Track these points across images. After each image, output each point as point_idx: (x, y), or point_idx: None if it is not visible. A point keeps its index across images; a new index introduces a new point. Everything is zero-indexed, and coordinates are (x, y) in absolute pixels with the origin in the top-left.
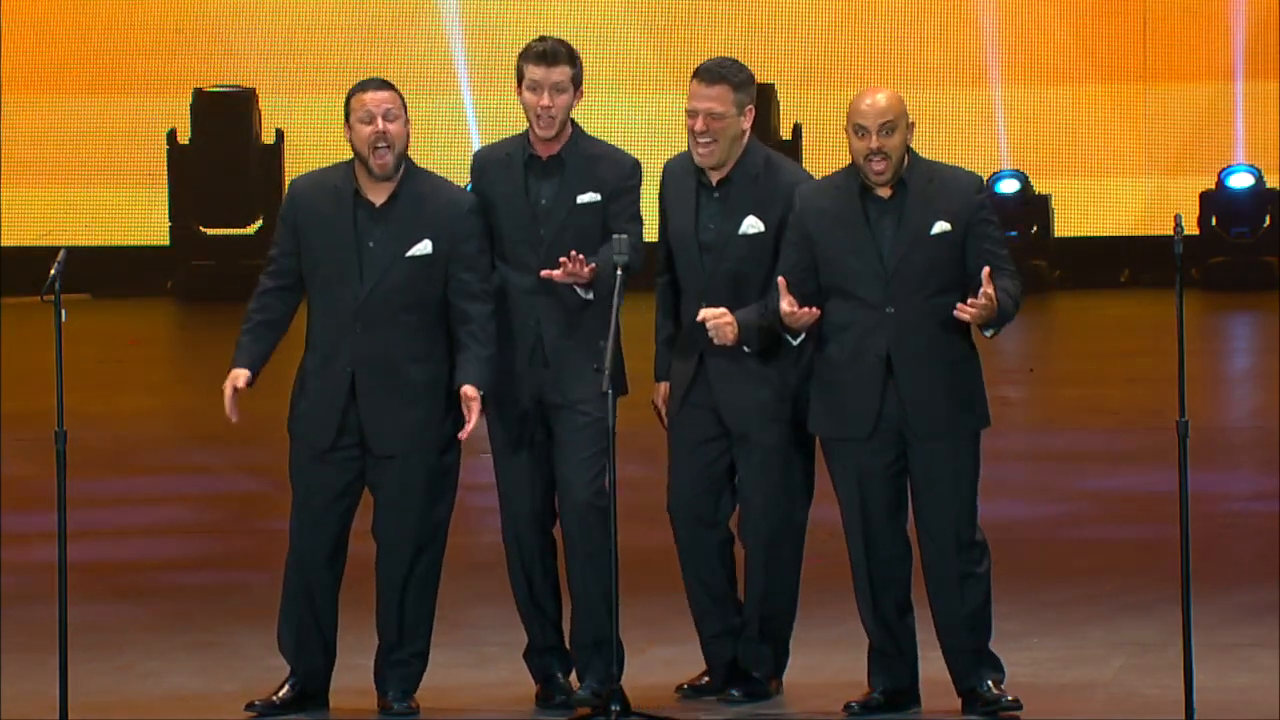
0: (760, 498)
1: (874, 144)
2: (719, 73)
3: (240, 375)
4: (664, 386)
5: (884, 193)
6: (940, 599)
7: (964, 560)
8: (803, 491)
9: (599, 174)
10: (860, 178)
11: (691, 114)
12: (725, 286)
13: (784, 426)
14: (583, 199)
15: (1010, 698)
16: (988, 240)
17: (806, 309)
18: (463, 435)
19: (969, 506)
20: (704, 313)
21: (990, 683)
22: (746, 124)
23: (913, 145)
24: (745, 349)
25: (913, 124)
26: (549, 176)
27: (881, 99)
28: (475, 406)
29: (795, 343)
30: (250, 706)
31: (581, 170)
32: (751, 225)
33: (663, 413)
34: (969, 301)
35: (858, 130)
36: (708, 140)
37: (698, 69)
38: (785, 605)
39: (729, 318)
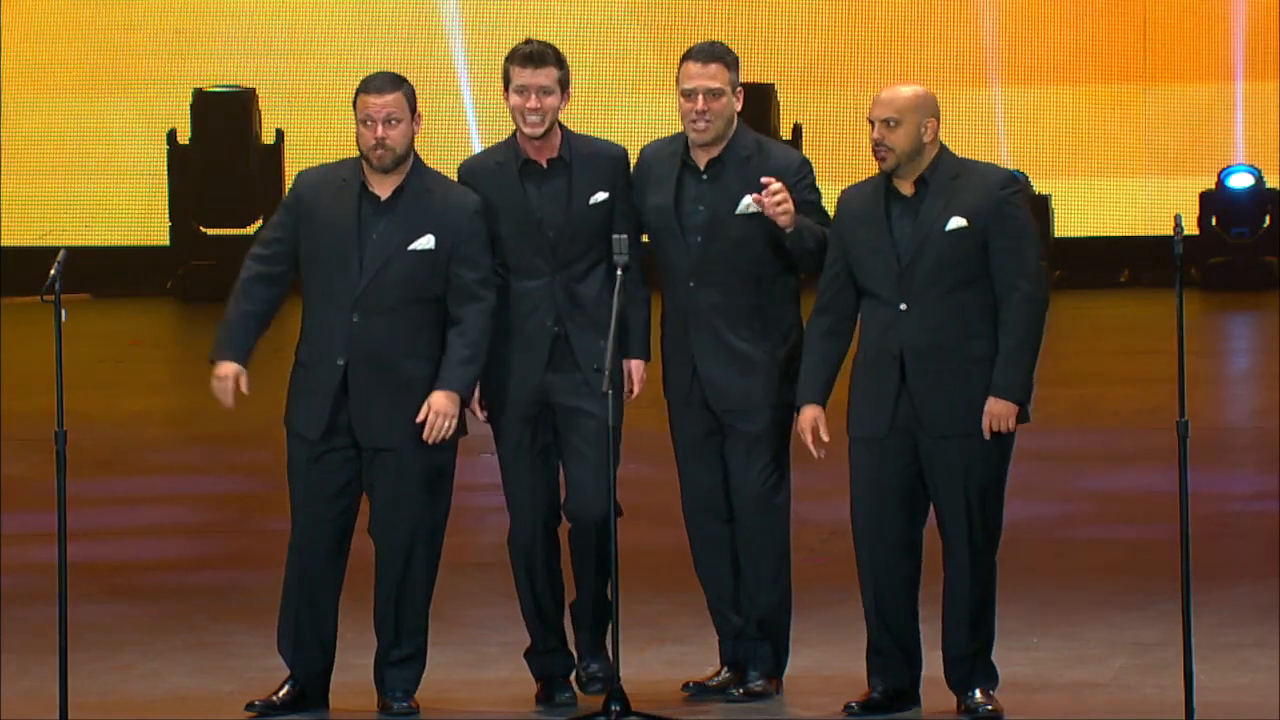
0: (744, 483)
1: (875, 135)
2: (713, 52)
3: (231, 369)
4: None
5: (907, 190)
6: (950, 603)
7: (973, 563)
8: (786, 476)
9: (603, 172)
10: (888, 177)
11: (689, 94)
12: (716, 267)
13: (773, 411)
14: (594, 199)
15: (990, 708)
16: (1006, 237)
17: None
18: (428, 437)
19: (981, 507)
20: (771, 189)
21: (978, 691)
22: (739, 105)
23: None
24: (787, 243)
25: (932, 123)
26: (551, 180)
27: (895, 92)
28: (439, 422)
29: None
30: (250, 706)
31: (586, 171)
32: (749, 205)
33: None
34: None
35: (870, 121)
36: (708, 119)
37: (689, 51)
38: (779, 597)
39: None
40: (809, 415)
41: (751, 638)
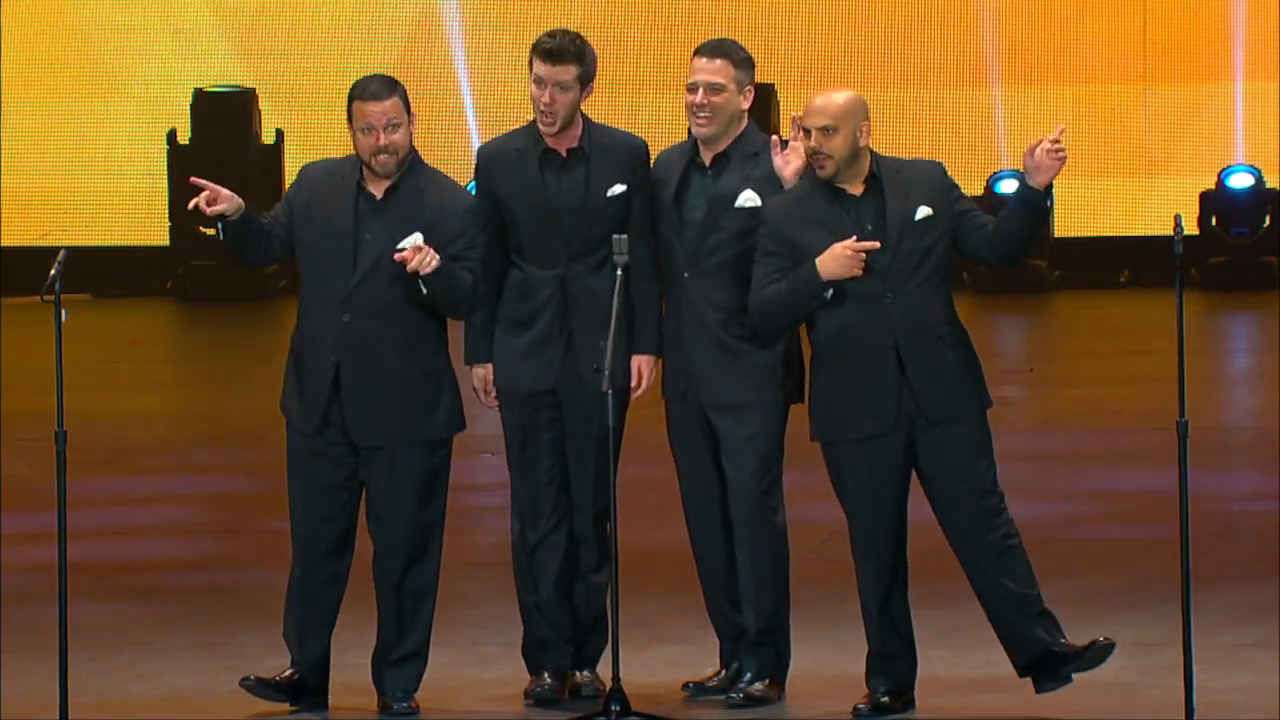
0: (738, 485)
1: (812, 143)
2: (720, 48)
3: (229, 198)
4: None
5: (855, 190)
6: (987, 584)
7: (1000, 535)
8: (780, 478)
9: (622, 164)
10: (827, 182)
11: (691, 88)
12: (711, 260)
13: (765, 410)
14: (612, 192)
15: (1103, 639)
16: (974, 212)
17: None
18: (411, 258)
19: (992, 483)
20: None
21: (1064, 641)
22: (746, 104)
23: (902, 144)
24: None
25: (866, 125)
26: (570, 170)
27: (828, 99)
28: (416, 252)
29: (828, 296)
30: (244, 680)
31: (605, 162)
32: (749, 199)
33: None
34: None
35: (805, 130)
36: (706, 113)
37: (699, 46)
38: (777, 600)
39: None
40: None
41: (751, 641)
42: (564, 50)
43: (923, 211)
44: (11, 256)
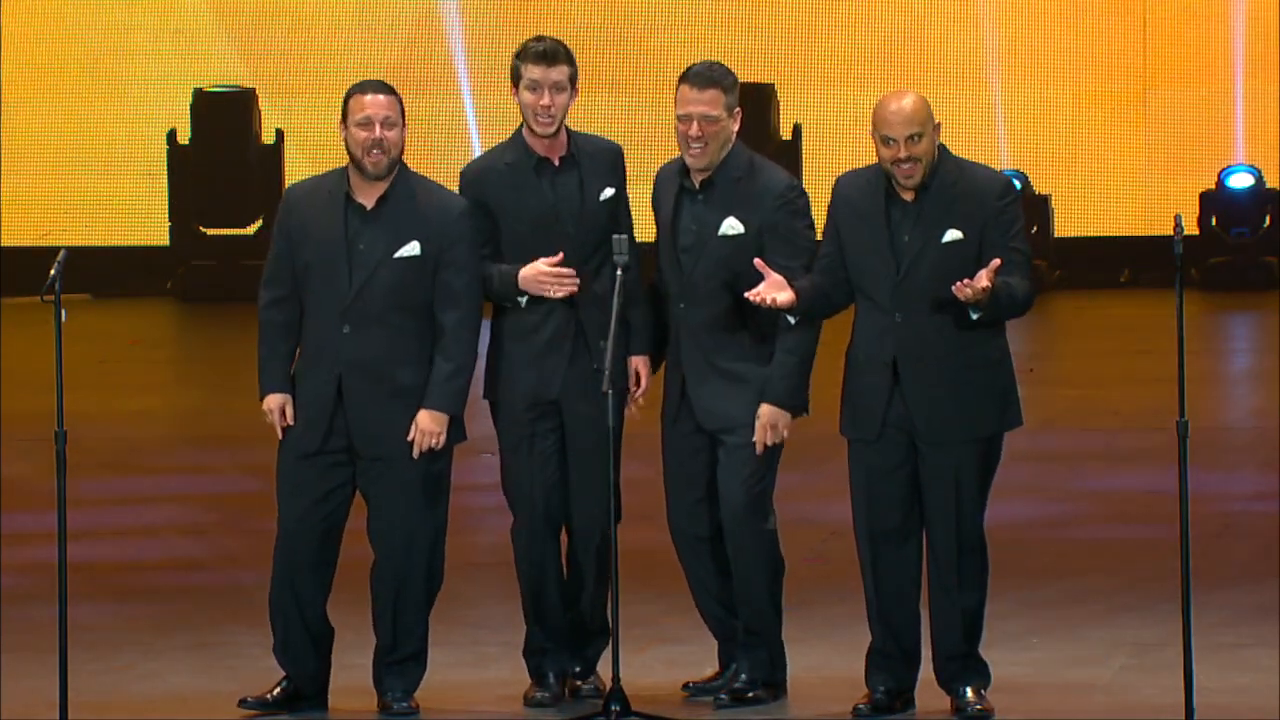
0: (730, 492)
1: (902, 153)
2: (710, 77)
3: (276, 401)
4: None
5: (907, 196)
6: (937, 603)
7: (964, 567)
8: (771, 487)
9: (608, 168)
10: (887, 177)
11: (685, 119)
12: (703, 288)
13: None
14: (604, 195)
15: (980, 707)
16: (1003, 245)
17: (763, 291)
18: (415, 455)
19: (972, 513)
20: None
21: (969, 690)
22: (735, 126)
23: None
24: (790, 319)
25: (939, 124)
26: (564, 178)
27: (907, 105)
28: (426, 441)
29: (793, 321)
30: (243, 703)
31: (594, 167)
32: (731, 226)
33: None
34: (963, 281)
35: (885, 140)
36: (700, 144)
37: (686, 74)
38: (769, 607)
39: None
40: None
41: (742, 642)
42: (557, 51)
43: (951, 235)
44: (11, 256)
